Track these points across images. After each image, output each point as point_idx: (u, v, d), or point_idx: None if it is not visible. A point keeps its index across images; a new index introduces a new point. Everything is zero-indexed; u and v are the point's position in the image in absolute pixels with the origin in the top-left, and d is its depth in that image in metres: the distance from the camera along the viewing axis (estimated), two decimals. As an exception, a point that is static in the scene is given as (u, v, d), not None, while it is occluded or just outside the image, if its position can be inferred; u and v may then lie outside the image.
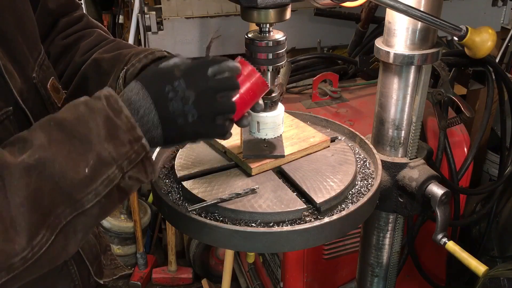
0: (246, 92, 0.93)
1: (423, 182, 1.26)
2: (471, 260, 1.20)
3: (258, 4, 0.95)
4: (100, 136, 0.76)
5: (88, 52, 1.11)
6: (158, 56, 1.05)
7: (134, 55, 1.05)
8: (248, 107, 0.96)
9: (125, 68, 1.03)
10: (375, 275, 1.51)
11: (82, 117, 0.77)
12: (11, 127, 0.84)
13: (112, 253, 1.23)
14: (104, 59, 1.07)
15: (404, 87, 1.25)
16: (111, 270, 1.19)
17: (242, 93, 0.93)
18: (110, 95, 0.81)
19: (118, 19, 3.30)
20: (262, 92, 0.97)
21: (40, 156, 0.72)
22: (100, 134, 0.76)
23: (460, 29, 1.13)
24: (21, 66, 0.89)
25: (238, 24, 2.42)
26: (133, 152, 0.79)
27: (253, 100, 0.96)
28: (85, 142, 0.75)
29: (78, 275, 1.04)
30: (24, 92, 0.88)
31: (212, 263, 3.05)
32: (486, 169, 2.71)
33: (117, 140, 0.77)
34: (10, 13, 0.87)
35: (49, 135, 0.74)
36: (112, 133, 0.77)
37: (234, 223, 1.00)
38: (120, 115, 0.79)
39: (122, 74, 1.03)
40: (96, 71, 1.07)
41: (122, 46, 1.12)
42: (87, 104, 0.79)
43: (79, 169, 0.74)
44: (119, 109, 0.79)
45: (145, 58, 1.03)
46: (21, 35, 0.90)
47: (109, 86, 1.03)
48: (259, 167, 1.12)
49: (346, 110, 2.04)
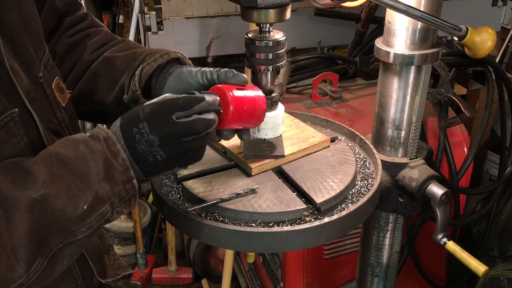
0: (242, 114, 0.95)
1: (423, 182, 1.26)
2: (471, 260, 1.20)
3: (258, 4, 0.95)
4: (99, 176, 0.82)
5: (98, 50, 1.12)
6: (173, 57, 1.06)
7: (149, 55, 1.06)
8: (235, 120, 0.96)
9: (141, 66, 1.04)
10: (375, 275, 1.51)
11: (82, 157, 0.82)
12: (15, 128, 0.84)
13: (115, 253, 1.24)
14: (117, 57, 1.09)
15: (404, 87, 1.25)
16: (114, 270, 1.19)
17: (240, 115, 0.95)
18: (108, 137, 0.86)
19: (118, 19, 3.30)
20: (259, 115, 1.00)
21: (45, 192, 0.77)
22: (100, 174, 0.82)
23: (460, 29, 1.13)
24: (28, 66, 0.89)
25: (238, 24, 2.42)
26: (124, 191, 0.86)
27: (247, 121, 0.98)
28: (85, 180, 0.81)
29: (81, 275, 1.04)
30: (31, 92, 0.89)
31: (212, 263, 3.05)
32: (486, 169, 2.70)
33: (113, 180, 0.84)
34: (16, 13, 0.87)
35: (51, 170, 0.79)
36: (110, 173, 0.84)
37: (234, 223, 1.00)
38: (117, 158, 0.85)
39: (138, 72, 1.04)
40: (108, 69, 1.08)
41: (133, 46, 1.14)
42: (87, 144, 0.84)
43: (78, 205, 0.80)
44: (116, 152, 0.85)
45: (161, 58, 1.05)
46: (27, 35, 0.90)
47: (122, 84, 1.05)
48: (259, 167, 1.12)
49: (346, 110, 2.04)
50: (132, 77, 1.04)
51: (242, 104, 0.95)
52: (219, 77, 0.98)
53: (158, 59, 1.04)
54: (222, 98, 0.94)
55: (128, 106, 1.05)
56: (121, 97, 1.06)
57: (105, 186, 0.83)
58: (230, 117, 0.94)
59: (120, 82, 1.06)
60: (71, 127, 1.02)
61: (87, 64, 1.11)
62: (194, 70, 1.02)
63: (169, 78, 1.05)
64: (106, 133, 0.87)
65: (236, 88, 0.96)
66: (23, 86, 0.86)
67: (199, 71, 1.01)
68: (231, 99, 0.93)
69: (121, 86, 1.06)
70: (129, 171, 0.86)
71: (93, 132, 0.88)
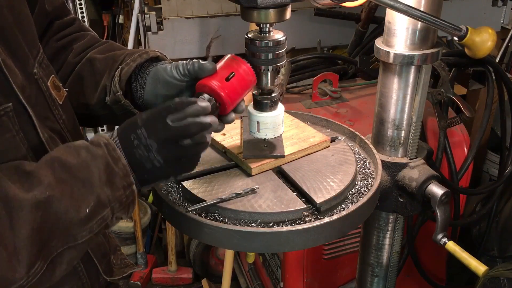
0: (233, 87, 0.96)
1: (423, 182, 1.26)
2: (471, 260, 1.20)
3: (258, 4, 0.95)
4: (101, 181, 0.84)
5: (82, 53, 1.13)
6: (151, 56, 1.07)
7: (128, 55, 1.07)
8: (234, 103, 0.98)
9: (120, 67, 1.05)
10: (375, 275, 1.51)
11: (85, 162, 0.84)
12: (9, 123, 0.84)
13: (122, 253, 1.26)
14: (97, 59, 1.09)
15: (404, 87, 1.25)
16: (121, 269, 1.20)
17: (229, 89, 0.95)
18: (109, 143, 0.88)
19: (118, 19, 3.30)
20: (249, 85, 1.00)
21: (49, 194, 0.78)
22: (102, 179, 0.84)
23: (460, 29, 1.13)
24: (21, 63, 0.90)
25: (238, 24, 2.42)
26: (124, 196, 0.87)
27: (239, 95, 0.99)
28: (87, 185, 0.82)
29: (86, 273, 1.05)
30: (26, 88, 0.89)
31: (212, 263, 3.05)
32: (486, 169, 2.70)
33: (114, 184, 0.85)
34: (9, 11, 0.88)
35: (55, 174, 0.80)
36: (111, 178, 0.85)
37: (234, 223, 1.00)
38: (118, 163, 0.86)
39: (117, 73, 1.04)
40: (90, 71, 1.09)
41: (116, 47, 1.14)
42: (88, 150, 0.86)
43: (81, 209, 0.81)
44: (117, 157, 0.87)
45: (140, 58, 1.05)
46: (20, 33, 0.90)
47: (103, 86, 1.06)
48: (259, 167, 1.12)
49: (346, 110, 2.04)
50: (113, 78, 1.04)
51: (232, 87, 0.97)
52: (189, 70, 0.99)
53: (137, 59, 1.05)
54: (211, 92, 0.95)
55: (111, 108, 1.06)
56: (104, 99, 1.06)
57: (106, 190, 0.84)
58: (227, 105, 0.96)
59: (101, 84, 1.07)
60: (69, 125, 1.02)
61: (72, 66, 1.12)
62: (169, 66, 1.03)
63: (147, 78, 1.06)
64: (106, 139, 0.88)
65: (220, 71, 0.98)
66: (17, 81, 0.86)
67: (173, 66, 1.02)
68: (218, 89, 0.95)
69: (103, 87, 1.06)
70: (129, 176, 0.87)
71: (93, 139, 0.89)
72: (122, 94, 1.03)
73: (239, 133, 1.22)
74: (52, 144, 0.93)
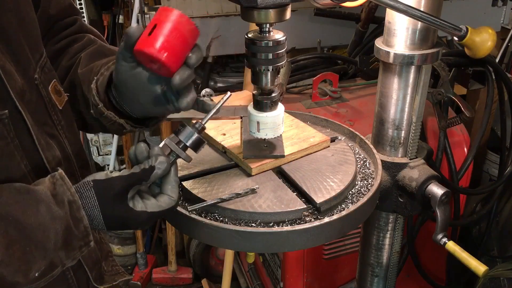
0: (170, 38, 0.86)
1: (423, 182, 1.26)
2: (471, 260, 1.20)
3: (258, 4, 0.95)
4: (57, 245, 0.82)
5: (74, 57, 1.11)
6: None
7: (104, 64, 1.04)
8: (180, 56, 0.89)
9: (95, 79, 1.02)
10: (375, 275, 1.51)
11: (42, 224, 0.80)
12: (4, 130, 0.83)
13: (113, 259, 1.22)
14: (79, 74, 1.07)
15: (404, 87, 1.25)
16: (112, 276, 1.17)
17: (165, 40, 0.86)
18: (74, 200, 0.85)
19: (118, 19, 3.30)
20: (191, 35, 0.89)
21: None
22: (57, 243, 0.82)
23: (460, 29, 1.13)
24: (23, 67, 0.89)
25: (238, 24, 2.42)
26: (79, 253, 0.87)
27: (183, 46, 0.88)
28: (41, 249, 0.80)
29: (76, 281, 1.03)
30: (26, 93, 0.88)
31: (212, 263, 3.05)
32: (486, 169, 2.70)
33: (70, 246, 0.84)
34: (14, 15, 0.87)
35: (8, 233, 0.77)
36: (68, 240, 0.83)
37: (234, 223, 1.00)
38: (79, 225, 0.85)
39: (93, 85, 1.01)
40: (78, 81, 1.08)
41: (106, 51, 1.11)
42: (49, 209, 0.82)
43: (30, 273, 0.79)
44: (80, 218, 0.85)
45: (113, 65, 1.00)
46: (23, 36, 0.90)
47: (86, 97, 1.03)
48: (259, 167, 1.12)
49: (346, 110, 2.04)
50: (91, 91, 1.02)
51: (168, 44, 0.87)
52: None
53: (111, 67, 1.01)
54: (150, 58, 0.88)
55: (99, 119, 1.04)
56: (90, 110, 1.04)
57: (61, 254, 0.83)
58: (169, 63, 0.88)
59: (84, 96, 1.05)
60: (67, 130, 1.01)
61: (65, 70, 1.10)
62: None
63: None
64: (71, 195, 0.85)
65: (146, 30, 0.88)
66: (15, 87, 0.85)
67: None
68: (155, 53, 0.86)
69: (86, 100, 1.04)
70: (88, 236, 0.87)
71: (58, 190, 0.85)
72: (103, 106, 1.00)
73: (239, 133, 1.22)
74: (47, 151, 0.92)
